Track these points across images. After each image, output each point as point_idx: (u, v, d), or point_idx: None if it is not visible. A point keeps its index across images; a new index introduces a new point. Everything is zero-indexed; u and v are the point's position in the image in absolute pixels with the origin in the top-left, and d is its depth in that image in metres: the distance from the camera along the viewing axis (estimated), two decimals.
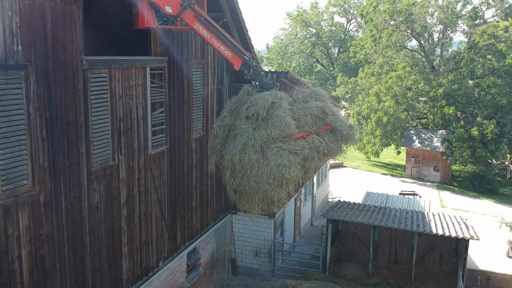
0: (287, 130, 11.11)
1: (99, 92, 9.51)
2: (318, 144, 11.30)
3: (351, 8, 61.31)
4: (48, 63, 8.20)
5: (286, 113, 11.36)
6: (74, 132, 8.91)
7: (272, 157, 10.96)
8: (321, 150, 11.33)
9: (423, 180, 34.39)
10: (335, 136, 11.73)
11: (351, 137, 11.95)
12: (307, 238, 21.25)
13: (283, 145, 11.08)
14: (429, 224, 15.33)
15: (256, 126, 11.36)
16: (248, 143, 11.12)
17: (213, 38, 11.04)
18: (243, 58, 11.34)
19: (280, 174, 10.73)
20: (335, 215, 15.43)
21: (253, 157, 11.07)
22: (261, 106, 11.26)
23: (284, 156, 10.89)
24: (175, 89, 12.39)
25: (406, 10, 35.15)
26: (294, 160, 10.89)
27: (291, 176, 10.76)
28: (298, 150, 11.03)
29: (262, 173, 10.93)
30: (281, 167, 10.76)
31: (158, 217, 12.05)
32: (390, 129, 35.06)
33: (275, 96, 11.49)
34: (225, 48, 11.37)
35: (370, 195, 20.93)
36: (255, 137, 11.18)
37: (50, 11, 8.15)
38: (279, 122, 11.17)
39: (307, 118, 11.54)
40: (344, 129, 11.78)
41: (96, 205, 9.69)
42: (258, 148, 11.16)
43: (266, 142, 11.19)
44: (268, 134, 11.14)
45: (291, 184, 11.16)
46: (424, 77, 34.95)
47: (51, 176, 8.45)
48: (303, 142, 11.17)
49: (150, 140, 11.39)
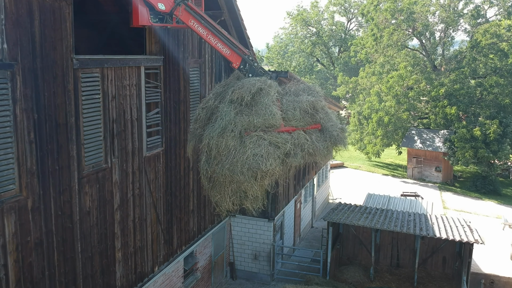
0: (271, 120, 10.18)
1: (90, 92, 9.15)
2: (304, 141, 10.36)
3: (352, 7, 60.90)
4: (36, 62, 7.83)
5: (273, 102, 10.42)
6: (64, 134, 8.54)
7: (250, 145, 10.03)
8: (306, 148, 10.34)
9: (424, 180, 34.02)
10: (324, 137, 10.71)
11: (341, 140, 10.85)
12: (307, 241, 20.90)
13: (264, 135, 10.15)
14: (432, 228, 14.97)
15: (239, 111, 10.37)
16: (227, 127, 10.14)
17: (209, 36, 10.61)
18: (242, 55, 10.86)
19: (256, 164, 9.82)
20: (335, 218, 15.07)
21: (230, 143, 10.11)
22: (246, 90, 10.34)
23: (263, 146, 9.99)
24: (171, 89, 12.03)
25: (408, 8, 34.77)
26: (273, 152, 10.01)
27: (268, 168, 9.83)
28: (280, 143, 10.13)
29: (237, 161, 9.98)
30: (258, 157, 9.88)
31: (153, 221, 11.69)
32: (391, 129, 34.70)
33: (264, 83, 10.56)
34: (222, 46, 10.86)
35: (371, 196, 20.57)
36: (236, 122, 10.20)
37: (38, 8, 7.79)
38: (263, 110, 10.23)
39: (295, 112, 10.58)
40: (335, 130, 10.74)
41: (87, 210, 9.33)
42: (237, 134, 10.15)
43: (246, 129, 10.24)
44: (250, 121, 10.20)
45: (267, 178, 10.11)
46: (426, 76, 34.58)
47: (40, 180, 8.09)
48: (286, 136, 10.28)
49: (145, 141, 11.03)
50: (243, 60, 10.89)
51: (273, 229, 16.40)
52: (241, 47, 10.92)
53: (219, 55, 14.60)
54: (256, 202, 10.68)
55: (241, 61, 10.91)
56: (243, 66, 10.95)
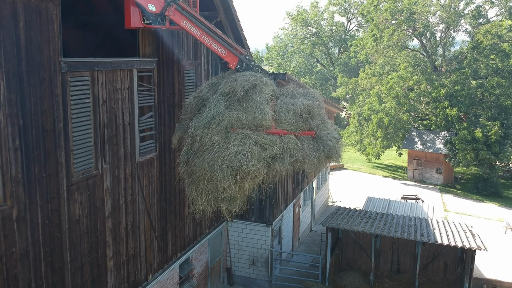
0: (261, 119, 9.62)
1: (80, 96, 8.82)
2: (293, 146, 9.66)
3: (352, 8, 60.58)
4: (21, 66, 7.51)
5: (266, 101, 9.84)
6: (52, 140, 8.22)
7: (235, 142, 9.49)
8: (295, 155, 9.64)
9: (425, 182, 33.68)
10: (317, 146, 9.92)
11: (336, 152, 9.97)
12: (306, 245, 20.57)
13: (250, 134, 9.60)
14: (433, 233, 14.64)
15: (229, 105, 9.88)
16: (214, 119, 9.65)
17: (203, 36, 10.23)
18: (239, 55, 10.44)
19: (237, 162, 9.25)
20: (335, 224, 14.74)
21: (215, 137, 9.61)
22: (239, 85, 9.83)
23: (247, 145, 9.42)
24: (165, 92, 11.70)
25: (408, 9, 34.43)
26: (258, 153, 9.40)
27: (249, 169, 9.21)
28: (267, 145, 9.51)
29: (218, 156, 9.45)
30: (241, 155, 9.31)
31: (147, 228, 11.36)
32: (392, 131, 34.36)
33: (259, 80, 10.01)
34: (218, 46, 10.45)
35: (371, 200, 20.24)
36: (224, 116, 9.69)
37: (22, 9, 7.46)
38: (254, 108, 9.68)
39: (288, 115, 9.88)
40: (330, 140, 9.95)
41: (77, 218, 9.01)
42: (222, 129, 9.64)
43: (233, 125, 9.72)
44: (238, 117, 9.67)
45: (248, 180, 9.47)
46: (426, 77, 34.24)
47: (26, 189, 7.77)
48: (275, 139, 9.65)
49: (137, 146, 10.71)
50: (240, 60, 10.48)
51: (271, 234, 16.08)
52: (237, 46, 10.56)
53: (215, 56, 14.28)
54: (234, 205, 10.04)
55: (238, 61, 10.50)
56: (240, 66, 10.55)
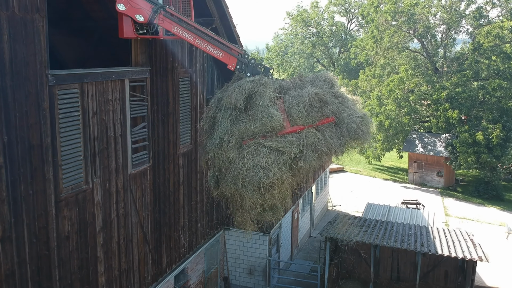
0: (270, 123, 8.96)
1: (68, 110, 8.56)
2: (314, 140, 8.95)
3: (352, 7, 60.29)
4: (5, 81, 7.24)
5: (271, 102, 9.17)
6: (39, 156, 7.95)
7: (248, 155, 8.96)
8: (319, 148, 8.91)
9: (426, 185, 33.39)
10: (340, 131, 9.12)
11: (362, 132, 9.08)
12: (305, 252, 20.31)
13: (263, 142, 8.99)
14: (434, 243, 14.36)
15: (234, 118, 9.31)
16: (224, 137, 9.19)
17: (197, 40, 9.78)
18: (236, 56, 9.88)
19: (256, 176, 8.73)
20: (333, 233, 14.47)
21: (230, 155, 9.13)
22: (238, 96, 9.24)
23: (262, 155, 8.85)
24: (159, 102, 11.43)
25: (408, 10, 34.10)
26: (275, 160, 8.81)
27: (271, 179, 8.68)
28: (283, 148, 8.90)
29: (238, 174, 8.99)
30: (258, 168, 8.77)
31: (140, 241, 11.10)
32: (392, 133, 34.04)
33: (258, 83, 9.35)
34: (213, 48, 9.92)
35: (371, 207, 19.96)
36: (232, 131, 9.17)
37: (6, 22, 7.19)
38: (260, 114, 9.04)
39: (299, 108, 9.15)
40: (353, 121, 9.09)
41: (66, 235, 8.74)
42: (234, 145, 9.13)
43: (244, 138, 9.12)
44: (247, 128, 9.07)
45: (276, 189, 8.92)
46: (427, 79, 33.92)
47: (11, 208, 7.50)
48: (292, 138, 9.01)
49: (130, 158, 10.43)
50: (238, 61, 9.98)
51: (269, 243, 15.81)
52: (233, 46, 10.01)
53: (211, 63, 14.02)
54: (277, 213, 9.58)
55: (236, 61, 10.00)
56: (240, 66, 10.05)
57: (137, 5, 9.12)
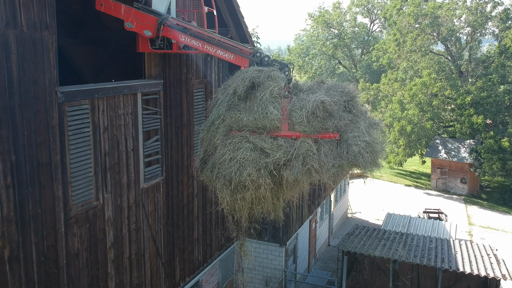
0: (263, 120, 8.10)
1: (78, 126, 8.45)
2: (305, 152, 7.93)
3: (375, 8, 59.54)
4: (13, 100, 7.16)
5: (273, 98, 8.28)
6: (48, 174, 7.86)
7: (230, 146, 8.17)
8: (308, 162, 7.85)
9: (449, 192, 32.60)
10: (339, 151, 7.98)
11: (363, 160, 7.78)
12: (323, 261, 19.97)
13: (249, 136, 8.19)
14: (455, 258, 13.89)
15: (231, 104, 8.56)
16: (215, 121, 8.53)
17: (206, 46, 9.49)
18: (248, 57, 9.40)
19: (228, 170, 7.97)
20: (350, 247, 14.12)
21: (216, 141, 8.45)
22: (240, 82, 8.48)
23: (243, 149, 8.03)
24: (173, 114, 11.28)
25: (432, 13, 33.33)
26: (255, 159, 7.94)
27: (243, 178, 7.84)
28: (269, 149, 7.98)
29: (216, 163, 8.25)
30: (233, 162, 8.01)
31: (152, 255, 10.96)
32: (414, 139, 33.33)
33: (266, 74, 8.47)
34: (223, 52, 9.49)
35: (391, 217, 19.50)
36: (225, 117, 8.44)
37: (15, 41, 7.10)
38: (257, 108, 8.21)
39: (300, 113, 8.16)
40: (356, 144, 7.86)
41: (76, 252, 8.65)
42: (222, 131, 8.43)
43: (233, 127, 8.35)
44: (239, 117, 8.27)
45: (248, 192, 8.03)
46: (451, 83, 33.12)
47: (19, 227, 7.42)
48: (283, 143, 8.08)
49: (142, 172, 10.30)
50: (251, 62, 9.56)
51: (285, 254, 15.56)
52: (243, 47, 9.46)
53: (226, 72, 13.81)
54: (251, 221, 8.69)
55: (249, 62, 9.59)
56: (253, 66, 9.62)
57: (144, 21, 9.01)
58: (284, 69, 8.92)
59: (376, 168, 8.05)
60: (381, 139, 8.57)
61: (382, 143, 8.38)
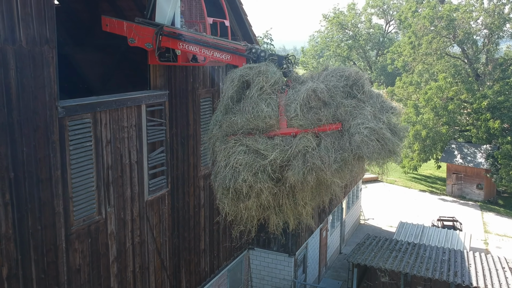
0: (255, 120, 7.50)
1: (80, 140, 8.33)
2: (304, 149, 7.23)
3: (391, 9, 58.83)
4: (12, 116, 7.05)
5: (265, 95, 7.60)
6: (48, 190, 7.75)
7: (224, 152, 7.73)
8: (309, 159, 7.14)
9: (465, 198, 31.98)
10: (341, 143, 7.17)
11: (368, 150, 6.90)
12: (334, 270, 19.66)
13: (242, 139, 7.65)
14: (469, 271, 13.51)
15: (228, 108, 8.01)
16: (213, 128, 8.11)
17: (202, 49, 9.27)
18: (244, 54, 8.98)
19: (223, 179, 7.54)
20: (360, 259, 13.82)
21: (216, 148, 8.02)
22: (230, 84, 7.95)
23: (235, 154, 7.51)
24: (178, 124, 11.12)
25: (448, 15, 32.72)
26: (249, 163, 7.39)
27: (238, 184, 7.37)
28: (264, 151, 7.38)
29: (216, 171, 7.91)
30: (228, 169, 7.54)
31: (157, 268, 10.82)
32: (429, 144, 32.74)
33: (256, 70, 7.82)
34: (219, 54, 9.15)
35: (403, 226, 19.11)
36: (221, 123, 7.96)
37: (13, 56, 6.99)
38: (248, 108, 7.60)
39: (293, 106, 7.44)
40: (359, 132, 6.98)
41: (77, 268, 8.53)
42: (219, 138, 7.97)
43: (229, 132, 7.84)
44: (233, 121, 7.71)
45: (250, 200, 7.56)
46: (467, 87, 32.47)
47: (17, 245, 7.32)
48: (279, 141, 7.44)
49: (146, 185, 10.16)
50: (247, 59, 9.16)
51: (294, 265, 15.30)
52: (236, 45, 9.05)
53: None
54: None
55: (246, 61, 9.23)
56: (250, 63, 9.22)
57: (144, 34, 8.92)
58: (281, 62, 8.20)
59: (390, 158, 7.25)
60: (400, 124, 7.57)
61: (401, 129, 7.47)
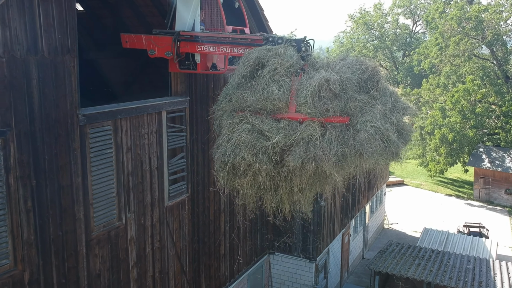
0: (263, 100, 7.44)
1: (101, 147, 8.45)
2: (308, 137, 7.13)
3: (418, 9, 57.93)
4: (34, 125, 7.20)
5: (280, 77, 7.52)
6: (69, 197, 7.89)
7: (229, 127, 7.67)
8: (311, 149, 7.03)
9: (492, 203, 31.22)
10: (346, 138, 7.08)
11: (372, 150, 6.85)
12: (357, 275, 19.46)
13: (250, 118, 7.58)
14: (494, 281, 13.19)
15: (240, 84, 7.95)
16: (223, 101, 8.01)
17: (221, 48, 9.22)
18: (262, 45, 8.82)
19: (223, 153, 7.51)
20: (382, 266, 13.64)
21: (222, 122, 7.96)
22: (245, 63, 7.87)
23: (239, 131, 7.46)
24: (199, 130, 11.19)
25: (476, 16, 32.00)
26: (252, 142, 7.34)
27: (237, 161, 7.32)
28: (268, 132, 7.32)
29: (218, 144, 7.83)
30: (230, 144, 7.50)
31: (177, 272, 10.91)
32: (456, 147, 32.09)
33: (274, 52, 7.72)
34: (237, 49, 9.06)
35: (428, 232, 18.78)
36: (231, 97, 7.89)
37: (36, 66, 7.14)
38: (258, 87, 7.56)
39: (304, 93, 7.34)
40: (365, 130, 6.94)
41: (97, 273, 8.66)
42: (227, 111, 7.92)
43: (237, 108, 7.76)
44: (243, 97, 7.67)
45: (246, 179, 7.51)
46: (496, 89, 31.69)
47: (39, 250, 7.48)
48: (284, 125, 7.32)
49: (166, 190, 10.25)
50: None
51: (315, 270, 15.20)
52: (253, 36, 8.83)
53: None
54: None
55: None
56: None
57: (162, 43, 8.98)
58: (300, 46, 7.95)
59: (392, 160, 7.11)
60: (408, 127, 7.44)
61: (408, 131, 7.31)
